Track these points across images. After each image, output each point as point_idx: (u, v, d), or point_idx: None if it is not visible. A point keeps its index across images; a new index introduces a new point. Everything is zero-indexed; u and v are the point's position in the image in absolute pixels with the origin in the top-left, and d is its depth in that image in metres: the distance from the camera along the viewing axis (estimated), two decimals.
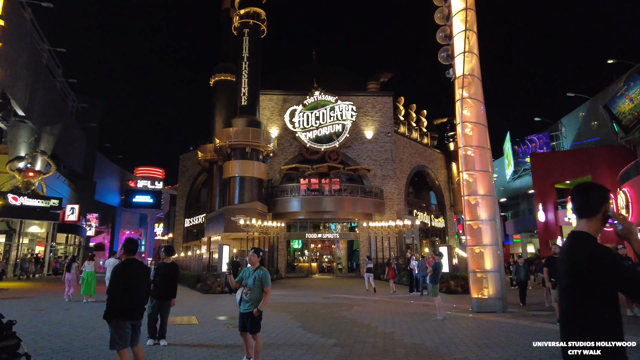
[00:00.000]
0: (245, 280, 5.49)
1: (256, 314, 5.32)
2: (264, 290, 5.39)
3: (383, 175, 31.47)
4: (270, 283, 5.45)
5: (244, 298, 5.46)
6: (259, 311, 5.33)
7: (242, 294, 5.50)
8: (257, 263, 5.53)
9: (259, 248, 5.75)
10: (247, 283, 5.44)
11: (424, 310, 11.66)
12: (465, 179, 12.25)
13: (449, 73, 12.80)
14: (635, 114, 29.16)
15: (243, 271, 5.64)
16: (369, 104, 32.47)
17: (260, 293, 5.40)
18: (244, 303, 5.45)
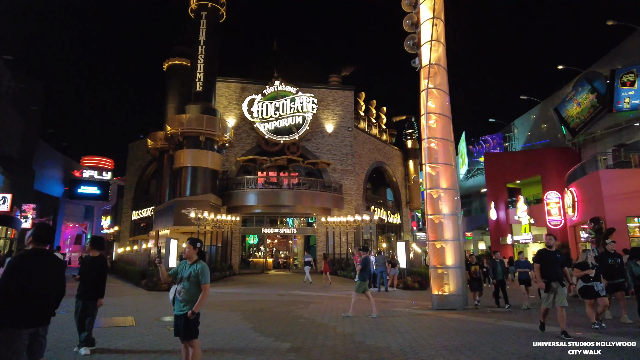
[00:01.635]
0: (180, 275, 4.59)
1: (191, 316, 4.45)
2: (201, 288, 4.54)
3: (342, 170, 31.01)
4: (209, 279, 4.61)
5: (177, 298, 4.57)
6: (194, 313, 4.46)
7: (175, 293, 4.61)
8: (195, 256, 4.67)
9: (196, 239, 4.84)
10: (181, 279, 4.55)
11: (384, 307, 11.16)
12: (428, 172, 11.85)
13: (414, 62, 12.33)
14: (582, 117, 30.51)
15: (178, 265, 4.74)
16: (330, 97, 31.87)
17: (197, 291, 4.53)
18: (177, 303, 4.57)
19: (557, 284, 6.89)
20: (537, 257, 7.52)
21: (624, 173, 21.56)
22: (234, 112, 30.00)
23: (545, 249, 7.39)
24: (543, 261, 7.27)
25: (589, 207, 22.64)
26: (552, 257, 7.12)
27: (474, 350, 5.82)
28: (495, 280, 11.66)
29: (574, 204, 24.86)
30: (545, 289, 7.09)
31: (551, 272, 7.00)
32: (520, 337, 6.85)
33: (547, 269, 7.11)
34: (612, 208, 20.68)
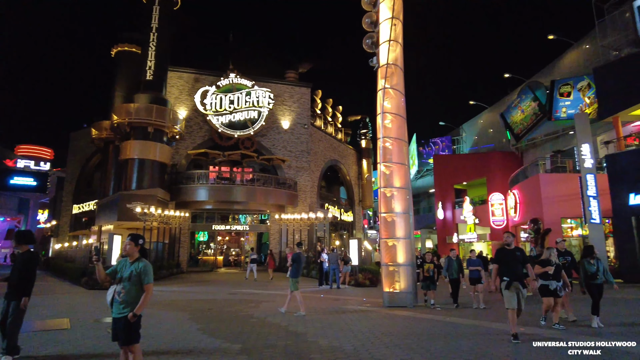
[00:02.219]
0: (120, 275, 4.22)
1: (132, 319, 4.09)
2: (143, 289, 4.19)
3: (298, 167, 30.82)
4: (152, 279, 4.26)
5: (116, 298, 4.19)
6: (135, 316, 4.10)
7: (114, 293, 4.22)
8: (136, 254, 4.30)
9: (137, 235, 4.47)
10: (121, 279, 4.18)
11: (336, 305, 11.13)
12: (383, 170, 11.96)
13: (372, 61, 12.39)
14: (525, 124, 32.33)
15: (117, 263, 4.35)
16: (286, 93, 31.53)
17: (138, 292, 4.17)
18: (116, 305, 4.18)
19: (518, 284, 6.49)
20: (496, 257, 7.05)
21: (560, 177, 23.04)
22: (186, 104, 28.90)
23: (504, 247, 6.92)
24: (503, 260, 6.82)
25: (530, 208, 23.99)
26: (511, 255, 6.74)
27: (427, 349, 5.87)
28: (449, 279, 11.18)
29: (516, 206, 26.26)
30: (507, 286, 6.57)
31: (511, 270, 6.60)
32: (470, 335, 7.01)
33: (507, 268, 6.67)
34: (549, 210, 22.02)
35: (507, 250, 6.81)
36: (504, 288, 6.63)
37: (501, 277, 6.73)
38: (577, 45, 29.54)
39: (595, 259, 7.96)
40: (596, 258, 8.02)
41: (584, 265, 7.83)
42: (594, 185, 18.79)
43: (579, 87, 27.66)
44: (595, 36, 24.40)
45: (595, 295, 7.69)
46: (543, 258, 7.64)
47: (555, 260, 7.75)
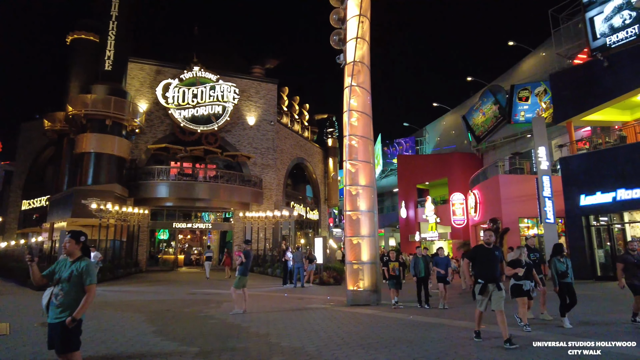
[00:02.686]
0: (58, 275, 3.83)
1: (70, 324, 3.67)
2: (84, 290, 3.82)
3: (263, 164, 30.39)
4: (95, 279, 3.89)
5: (53, 302, 3.76)
6: (74, 320, 3.69)
7: (51, 296, 3.81)
8: (78, 252, 3.92)
9: (79, 231, 4.04)
10: (60, 280, 3.78)
11: (300, 305, 10.96)
12: (348, 168, 11.90)
13: (339, 58, 12.31)
14: (486, 126, 33.37)
15: (55, 264, 3.95)
16: (252, 89, 31.01)
17: (78, 294, 3.78)
18: (53, 309, 3.76)
19: (494, 286, 6.00)
20: (472, 254, 6.62)
21: (518, 178, 23.89)
22: (147, 96, 27.82)
23: (482, 245, 6.37)
24: (478, 259, 6.32)
25: (489, 208, 24.74)
26: (489, 254, 6.20)
27: (390, 349, 5.80)
28: (416, 278, 10.55)
29: (476, 205, 27.03)
30: (480, 291, 6.07)
31: (488, 271, 6.11)
32: (434, 334, 7.00)
33: (483, 268, 6.16)
34: (507, 209, 22.79)
35: (486, 249, 6.26)
36: (477, 292, 6.15)
37: (475, 279, 6.24)
38: (535, 52, 30.78)
39: (564, 257, 7.81)
40: (565, 256, 7.91)
41: (554, 264, 7.63)
42: (549, 187, 19.59)
43: (536, 92, 28.81)
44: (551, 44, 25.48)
45: (565, 293, 7.51)
46: (513, 258, 7.10)
47: (526, 260, 7.41)
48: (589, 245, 18.26)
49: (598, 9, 19.94)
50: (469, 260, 6.47)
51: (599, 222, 18.58)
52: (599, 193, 17.63)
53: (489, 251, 6.23)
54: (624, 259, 7.70)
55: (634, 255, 7.58)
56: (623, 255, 7.92)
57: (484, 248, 6.30)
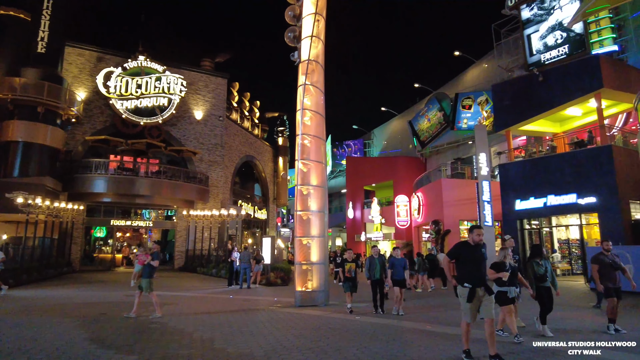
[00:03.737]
0: None
1: None
2: None
3: (210, 160, 29.44)
4: None
5: None
6: None
7: None
8: None
9: None
10: None
11: (246, 307, 10.67)
12: (300, 168, 11.79)
13: (293, 55, 12.17)
14: (431, 132, 34.70)
15: None
16: (201, 82, 29.96)
17: None
18: None
19: (483, 290, 5.26)
20: (455, 252, 5.66)
21: (460, 183, 25.05)
22: (86, 84, 25.96)
23: (466, 242, 5.61)
24: (462, 258, 5.45)
25: (432, 210, 25.71)
26: (475, 253, 5.39)
27: (340, 351, 5.74)
28: (370, 280, 9.65)
29: (419, 207, 27.99)
30: (469, 298, 5.21)
31: (476, 273, 5.30)
32: (384, 335, 7.04)
33: (469, 269, 5.33)
34: (449, 212, 23.80)
35: (471, 247, 5.43)
36: (463, 297, 5.29)
37: (460, 282, 5.35)
38: (478, 63, 32.45)
39: (544, 259, 7.14)
40: (545, 258, 7.22)
41: (532, 267, 6.99)
42: (488, 191, 20.68)
43: (478, 101, 30.37)
44: (493, 56, 26.97)
45: (545, 299, 6.87)
46: (497, 261, 6.21)
47: (511, 263, 6.62)
48: (523, 248, 19.48)
49: (535, 27, 21.36)
50: (450, 258, 5.61)
51: (531, 225, 19.90)
52: (532, 198, 18.86)
53: (475, 249, 5.41)
54: (599, 260, 7.20)
55: (607, 255, 7.20)
56: (598, 256, 7.31)
57: (469, 245, 5.47)
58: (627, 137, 19.01)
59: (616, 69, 18.38)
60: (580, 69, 18.30)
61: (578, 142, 19.01)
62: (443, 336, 6.77)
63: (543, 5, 21.19)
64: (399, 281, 9.45)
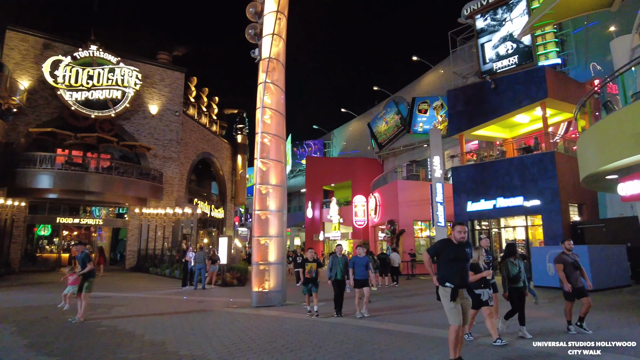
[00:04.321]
0: None
1: None
2: None
3: (165, 157, 28.49)
4: None
5: None
6: None
7: None
8: None
9: None
10: None
11: (201, 308, 10.42)
12: (259, 167, 11.68)
13: (254, 52, 12.04)
14: (388, 134, 35.46)
15: None
16: (157, 76, 28.93)
17: None
18: None
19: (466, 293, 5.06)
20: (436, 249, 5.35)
21: (414, 184, 25.79)
22: (31, 72, 24.32)
23: (449, 239, 5.27)
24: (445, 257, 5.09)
25: (388, 210, 26.28)
26: (459, 251, 5.07)
27: (296, 352, 5.74)
28: (331, 281, 9.12)
29: (376, 208, 28.54)
30: (452, 296, 4.88)
31: (458, 273, 4.98)
32: (339, 335, 7.09)
33: (452, 269, 5.00)
34: (404, 212, 24.45)
35: (454, 244, 5.10)
36: (445, 297, 4.95)
37: (441, 282, 5.02)
38: (435, 69, 33.52)
39: (517, 259, 6.89)
40: (519, 257, 6.97)
41: (507, 266, 6.74)
42: (442, 193, 21.45)
43: (434, 106, 31.38)
44: (449, 63, 27.97)
45: (516, 300, 6.68)
46: (472, 262, 5.90)
47: (483, 264, 6.46)
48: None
49: (488, 37, 22.39)
50: (430, 255, 5.24)
51: (482, 226, 20.83)
52: (483, 200, 19.76)
53: (459, 247, 5.07)
54: (562, 260, 7.04)
55: (570, 255, 7.08)
56: (560, 255, 7.13)
57: (452, 243, 5.14)
58: (568, 145, 20.35)
59: (559, 80, 19.63)
60: (528, 79, 19.38)
61: (525, 147, 20.12)
62: (399, 335, 6.92)
63: (496, 17, 22.24)
64: (361, 281, 9.01)
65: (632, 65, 10.60)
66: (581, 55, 22.59)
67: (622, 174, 11.11)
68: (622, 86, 10.97)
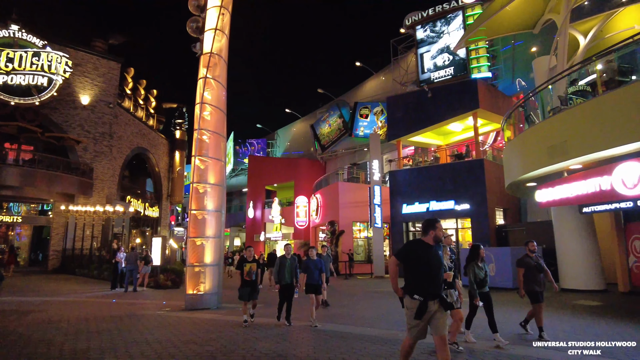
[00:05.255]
0: None
1: None
2: None
3: (96, 151, 26.72)
4: None
5: None
6: None
7: None
8: None
9: None
10: None
11: (130, 311, 9.90)
12: (197, 164, 11.33)
13: (195, 46, 11.67)
14: (331, 137, 35.99)
15: None
16: (90, 64, 27.07)
17: None
18: None
19: (437, 304, 4.07)
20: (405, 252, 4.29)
21: (354, 186, 26.41)
22: None
23: (420, 240, 4.27)
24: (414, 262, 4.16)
25: (329, 211, 26.67)
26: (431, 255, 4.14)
27: (228, 355, 5.63)
28: (279, 287, 8.07)
29: (317, 208, 28.85)
30: (418, 314, 4.00)
31: (429, 281, 4.09)
32: (274, 336, 7.06)
33: (422, 277, 4.10)
34: (344, 213, 24.95)
35: (427, 246, 4.18)
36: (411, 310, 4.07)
37: (409, 292, 4.12)
38: (377, 75, 34.56)
39: (483, 262, 6.47)
40: (484, 261, 6.52)
41: (473, 270, 6.30)
42: (379, 195, 22.16)
43: (375, 111, 32.33)
44: (390, 70, 28.96)
45: (485, 305, 6.28)
46: None
47: (448, 263, 5.97)
48: None
49: (427, 47, 23.47)
50: (398, 260, 4.28)
51: (416, 228, 21.77)
52: (417, 203, 20.67)
53: (431, 250, 4.18)
54: (524, 263, 6.66)
55: (533, 257, 6.69)
56: (523, 258, 6.73)
57: (424, 245, 4.20)
58: (496, 153, 21.88)
59: (489, 93, 21.07)
60: (461, 89, 20.59)
61: (457, 154, 21.34)
62: (334, 334, 7.04)
63: (435, 29, 23.39)
64: (314, 286, 8.02)
65: (549, 84, 11.65)
66: (508, 70, 24.43)
67: (540, 182, 12.18)
68: (542, 102, 12.04)
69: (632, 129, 8.05)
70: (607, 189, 9.27)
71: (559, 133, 9.94)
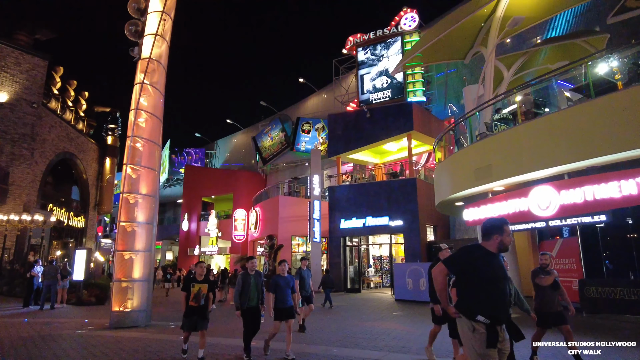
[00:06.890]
0: None
1: None
2: None
3: (14, 154, 24.37)
4: None
5: None
6: None
7: None
8: None
9: None
10: None
11: (45, 332, 9.05)
12: (128, 173, 10.81)
13: (133, 50, 11.24)
14: (272, 150, 35.98)
15: None
16: (12, 59, 24.84)
17: None
18: None
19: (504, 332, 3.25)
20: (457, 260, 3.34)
21: (295, 200, 26.49)
22: None
23: (479, 245, 3.34)
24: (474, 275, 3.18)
25: (268, 225, 26.44)
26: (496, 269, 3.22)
27: None
28: (241, 310, 6.27)
29: (257, 222, 28.49)
30: (489, 340, 3.05)
31: (496, 301, 3.13)
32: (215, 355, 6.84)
33: (484, 293, 3.15)
34: (283, 227, 24.86)
35: (491, 255, 3.24)
36: (476, 340, 3.10)
37: (469, 314, 3.17)
38: (319, 93, 35.27)
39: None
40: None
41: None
42: (319, 210, 22.41)
43: (316, 128, 32.89)
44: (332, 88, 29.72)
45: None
46: None
47: None
48: (344, 262, 21.57)
49: (367, 69, 24.45)
50: (448, 269, 3.36)
51: (352, 242, 22.22)
52: (354, 219, 21.16)
53: (494, 260, 3.24)
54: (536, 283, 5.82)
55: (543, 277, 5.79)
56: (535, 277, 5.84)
57: (484, 252, 3.24)
58: (428, 173, 23.10)
59: (423, 116, 22.31)
60: (398, 111, 21.61)
61: (392, 173, 22.25)
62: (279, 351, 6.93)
63: (375, 52, 24.46)
64: (286, 310, 6.42)
65: (477, 110, 12.63)
66: (441, 96, 26.09)
67: (468, 201, 13.03)
68: (470, 127, 12.99)
69: (544, 156, 8.96)
70: (524, 210, 10.16)
71: (485, 157, 10.77)
